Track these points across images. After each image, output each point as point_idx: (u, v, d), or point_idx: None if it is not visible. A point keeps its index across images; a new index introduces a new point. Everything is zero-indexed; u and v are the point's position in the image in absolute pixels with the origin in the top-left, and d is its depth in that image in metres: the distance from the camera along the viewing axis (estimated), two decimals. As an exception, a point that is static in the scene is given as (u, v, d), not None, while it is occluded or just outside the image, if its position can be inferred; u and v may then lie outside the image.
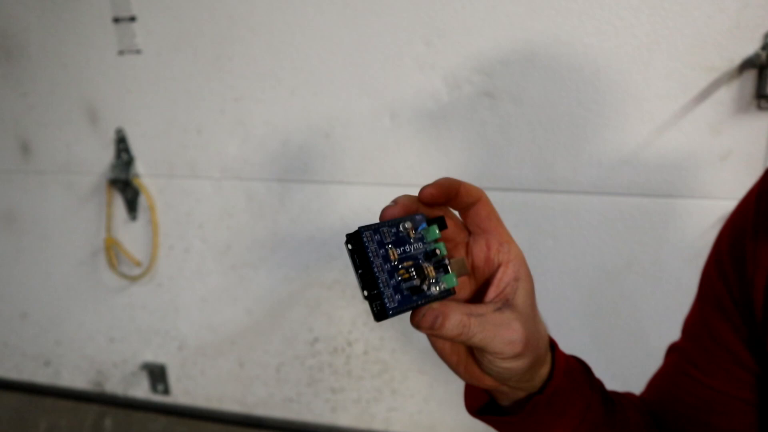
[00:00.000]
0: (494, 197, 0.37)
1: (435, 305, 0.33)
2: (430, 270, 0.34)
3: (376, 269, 0.33)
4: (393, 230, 0.34)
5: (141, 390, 1.21)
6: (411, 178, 0.93)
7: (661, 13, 0.77)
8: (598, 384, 0.42)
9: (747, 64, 0.75)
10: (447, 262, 0.35)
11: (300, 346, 1.08)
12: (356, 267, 0.33)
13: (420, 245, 0.35)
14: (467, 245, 0.38)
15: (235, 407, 1.16)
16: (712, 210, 0.82)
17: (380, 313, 0.33)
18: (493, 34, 0.84)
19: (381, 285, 0.32)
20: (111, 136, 1.06)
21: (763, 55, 0.73)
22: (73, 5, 1.01)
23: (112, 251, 1.12)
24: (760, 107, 0.77)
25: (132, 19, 0.98)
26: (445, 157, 0.91)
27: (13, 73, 1.08)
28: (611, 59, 0.80)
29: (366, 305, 1.04)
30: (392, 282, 0.33)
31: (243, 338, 1.11)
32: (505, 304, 0.35)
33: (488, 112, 0.87)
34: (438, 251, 0.35)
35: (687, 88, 0.79)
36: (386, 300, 0.32)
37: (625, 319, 0.90)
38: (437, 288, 0.34)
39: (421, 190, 0.35)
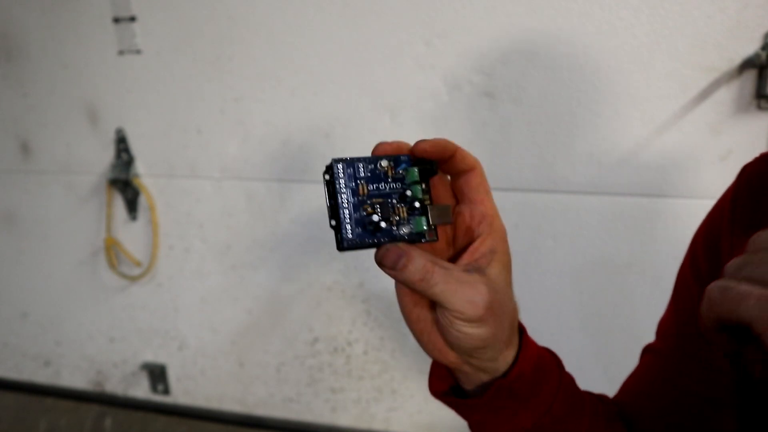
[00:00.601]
0: (494, 197, 0.37)
1: (401, 245, 0.33)
2: (400, 210, 0.34)
3: (341, 200, 0.33)
4: (370, 166, 0.34)
5: (141, 390, 1.21)
6: (411, 178, 0.93)
7: (661, 13, 0.77)
8: (568, 378, 0.42)
9: (747, 64, 0.75)
10: (419, 205, 0.35)
11: (300, 346, 1.08)
12: (327, 197, 0.34)
13: (398, 185, 0.35)
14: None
15: (235, 407, 1.16)
16: (712, 210, 0.82)
17: (338, 243, 0.33)
18: (493, 34, 0.84)
19: (342, 216, 0.33)
20: (111, 136, 1.06)
21: (763, 55, 0.73)
22: (73, 5, 1.01)
23: (112, 251, 1.12)
24: (760, 107, 0.77)
25: (132, 19, 0.98)
26: (445, 157, 0.91)
27: (13, 73, 1.08)
28: (611, 59, 0.80)
29: (363, 305, 1.04)
30: (355, 215, 0.33)
31: (243, 338, 1.11)
32: (476, 269, 0.34)
33: (488, 112, 0.87)
34: (410, 192, 0.35)
35: (687, 88, 0.79)
36: (344, 231, 0.33)
37: (624, 319, 0.90)
38: (405, 229, 0.34)
39: (416, 144, 0.35)
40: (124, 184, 1.07)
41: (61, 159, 1.11)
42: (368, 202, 0.34)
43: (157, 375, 1.18)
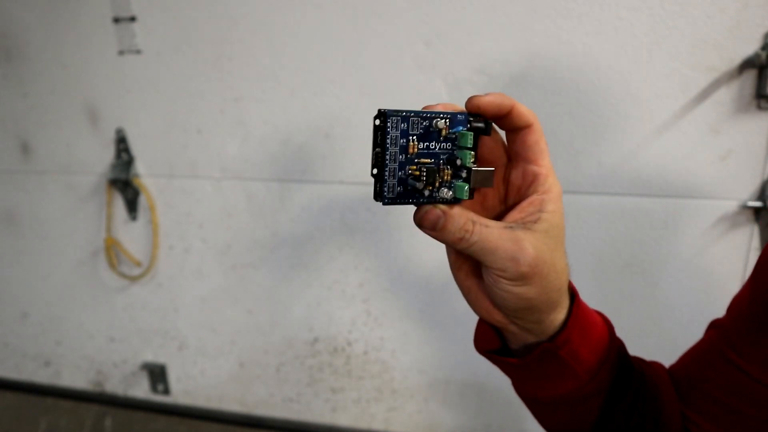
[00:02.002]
0: (494, 197, 0.37)
1: (440, 206, 0.32)
2: (446, 173, 0.33)
3: (388, 156, 0.32)
4: (424, 123, 0.33)
5: (141, 390, 1.21)
6: (411, 178, 0.93)
7: (661, 13, 0.77)
8: (617, 345, 0.40)
9: (747, 64, 0.75)
10: (465, 172, 0.33)
11: (300, 346, 1.08)
12: (374, 145, 0.32)
13: (449, 146, 0.33)
14: (505, 170, 0.36)
15: (235, 407, 1.16)
16: (712, 210, 0.82)
17: (377, 195, 0.33)
18: (493, 34, 0.84)
19: (386, 173, 0.32)
20: (111, 136, 1.06)
21: (763, 55, 0.73)
22: (73, 5, 1.01)
23: (112, 251, 1.12)
24: (760, 107, 0.77)
25: (132, 19, 0.98)
26: (445, 157, 0.90)
27: (13, 73, 1.08)
28: (611, 59, 0.80)
29: (363, 305, 1.04)
30: (400, 173, 0.32)
31: (243, 338, 1.11)
32: (522, 226, 0.33)
33: (488, 112, 0.87)
34: (459, 160, 0.33)
35: (687, 88, 0.79)
36: (385, 187, 0.32)
37: (624, 319, 0.90)
38: (446, 194, 0.33)
39: (470, 100, 0.33)
40: (124, 184, 1.07)
41: (61, 159, 1.11)
42: (416, 161, 0.33)
43: (157, 375, 1.18)
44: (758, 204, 0.79)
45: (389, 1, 0.86)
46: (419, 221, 0.32)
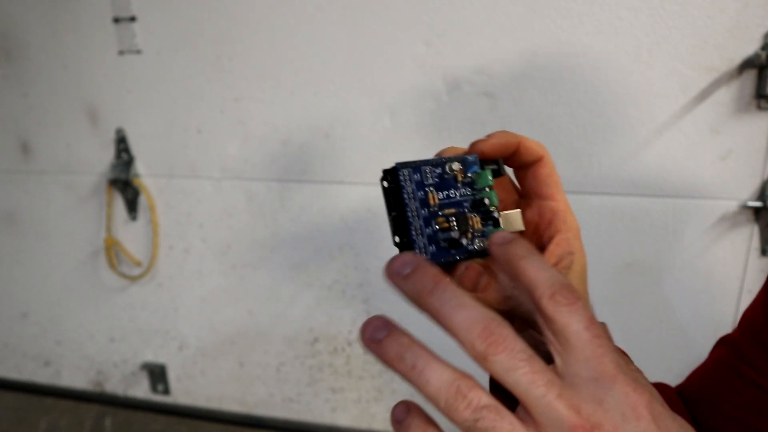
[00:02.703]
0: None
1: (477, 262, 0.29)
2: (475, 221, 0.30)
3: (410, 214, 0.29)
4: (437, 170, 0.30)
5: (141, 390, 1.21)
6: (411, 178, 0.93)
7: (661, 13, 0.77)
8: None
9: (747, 64, 0.75)
10: (497, 214, 0.30)
11: (300, 346, 1.08)
12: (389, 208, 0.30)
13: (468, 191, 0.30)
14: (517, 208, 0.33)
15: (235, 407, 1.16)
16: (712, 210, 0.82)
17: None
18: (493, 34, 0.84)
19: (413, 233, 0.28)
20: (111, 136, 1.06)
21: (763, 55, 0.73)
22: (73, 5, 1.01)
23: (112, 251, 1.12)
24: (760, 107, 0.77)
25: (132, 19, 0.98)
26: (445, 157, 0.90)
27: (13, 73, 1.08)
28: (611, 59, 0.80)
29: (363, 306, 1.04)
30: (428, 230, 0.29)
31: (243, 338, 1.11)
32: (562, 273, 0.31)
33: (488, 112, 0.87)
34: (487, 201, 0.30)
35: (687, 88, 0.79)
36: (418, 251, 0.28)
37: (624, 319, 0.90)
38: (481, 243, 0.30)
39: (474, 145, 0.31)
40: (124, 184, 1.07)
41: (61, 159, 1.11)
42: (441, 213, 0.29)
43: (157, 375, 1.18)
44: (758, 204, 0.79)
45: (389, 1, 0.86)
46: (458, 282, 0.29)
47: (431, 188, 0.29)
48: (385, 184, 0.30)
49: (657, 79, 0.79)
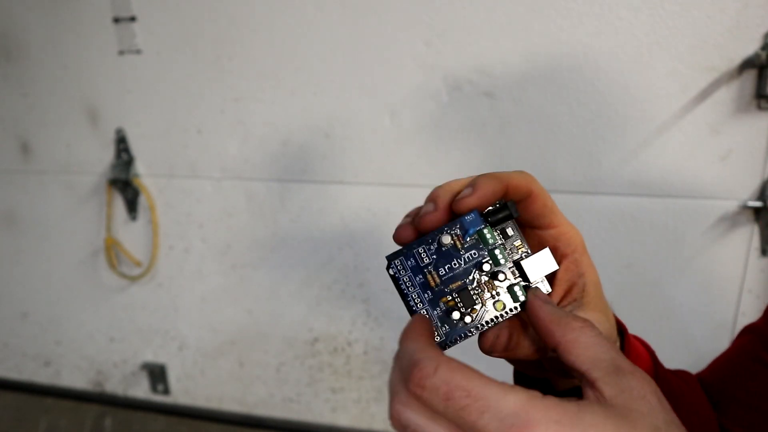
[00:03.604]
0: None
1: (502, 326, 0.28)
2: (489, 285, 0.29)
3: (412, 302, 0.29)
4: (432, 247, 0.29)
5: (141, 390, 1.21)
6: (411, 178, 0.93)
7: (661, 13, 0.77)
8: (660, 369, 0.40)
9: (747, 64, 0.75)
10: (503, 275, 0.29)
11: (300, 346, 1.08)
12: (399, 293, 0.29)
13: (474, 253, 0.29)
14: None
15: (235, 407, 1.16)
16: (712, 210, 0.82)
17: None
18: (493, 34, 0.84)
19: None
20: (111, 136, 1.06)
21: (763, 55, 0.73)
22: (73, 5, 1.01)
23: (112, 251, 1.12)
24: (760, 107, 0.77)
25: (132, 19, 0.98)
26: (444, 157, 0.91)
27: (13, 73, 1.08)
28: (611, 59, 0.80)
29: (363, 305, 1.04)
30: (435, 313, 0.29)
31: (243, 338, 1.11)
32: (575, 305, 0.31)
33: (488, 112, 0.87)
34: (487, 266, 0.29)
35: (687, 88, 0.79)
36: (435, 335, 0.28)
37: (624, 319, 0.90)
38: (507, 308, 0.28)
39: (458, 202, 0.29)
40: (124, 184, 1.07)
41: (61, 159, 1.11)
42: (446, 291, 0.29)
43: (157, 375, 1.18)
44: (758, 204, 0.79)
45: (389, 1, 0.86)
46: (489, 350, 0.29)
47: (430, 269, 0.29)
48: (391, 272, 0.29)
49: (657, 79, 0.79)
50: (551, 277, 0.31)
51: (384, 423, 1.07)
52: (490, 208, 0.29)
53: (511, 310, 0.29)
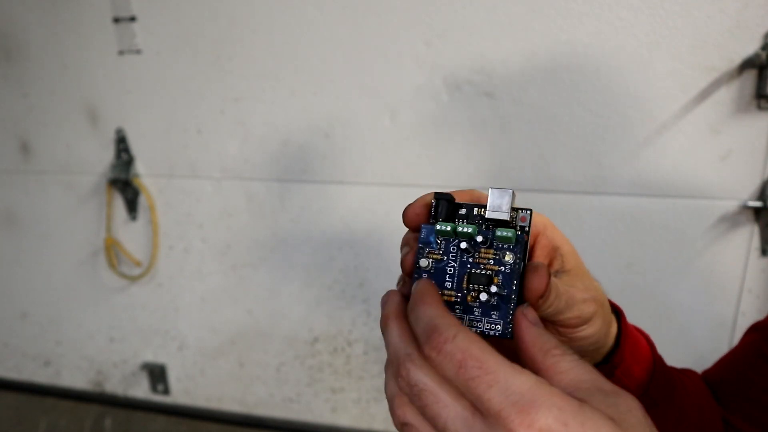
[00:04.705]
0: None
1: (531, 265, 0.29)
2: (485, 253, 0.30)
3: (465, 322, 0.30)
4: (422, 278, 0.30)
5: (141, 390, 1.21)
6: (411, 178, 0.93)
7: (661, 13, 0.77)
8: (659, 358, 0.41)
9: (747, 64, 0.75)
10: (482, 223, 0.30)
11: (300, 346, 1.08)
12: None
13: (452, 248, 0.31)
14: None
15: (235, 407, 1.16)
16: (712, 210, 0.82)
17: (502, 335, 0.30)
18: (493, 34, 0.84)
19: (476, 326, 0.30)
20: (111, 136, 1.06)
21: (763, 55, 0.73)
22: (73, 5, 1.01)
23: (112, 251, 1.12)
24: (760, 107, 0.77)
25: (132, 19, 0.98)
26: (445, 157, 0.91)
27: (13, 73, 1.08)
28: (611, 59, 0.80)
29: (363, 305, 1.04)
30: (475, 313, 0.30)
31: (243, 338, 1.11)
32: (560, 274, 0.33)
33: (488, 112, 0.87)
34: (465, 230, 0.30)
35: (687, 88, 0.79)
36: (486, 330, 0.29)
37: (625, 319, 0.90)
38: (508, 256, 0.29)
39: (403, 254, 0.32)
40: (124, 184, 1.07)
41: (61, 159, 1.11)
42: (466, 291, 0.30)
43: (157, 375, 1.18)
44: (758, 204, 0.79)
45: (389, 1, 0.86)
46: (539, 286, 0.29)
47: (442, 293, 0.30)
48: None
49: (657, 79, 0.79)
50: (527, 249, 0.33)
51: (384, 423, 1.07)
52: (432, 212, 0.31)
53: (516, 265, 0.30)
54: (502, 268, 0.29)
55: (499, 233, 0.29)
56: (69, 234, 1.15)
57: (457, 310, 0.30)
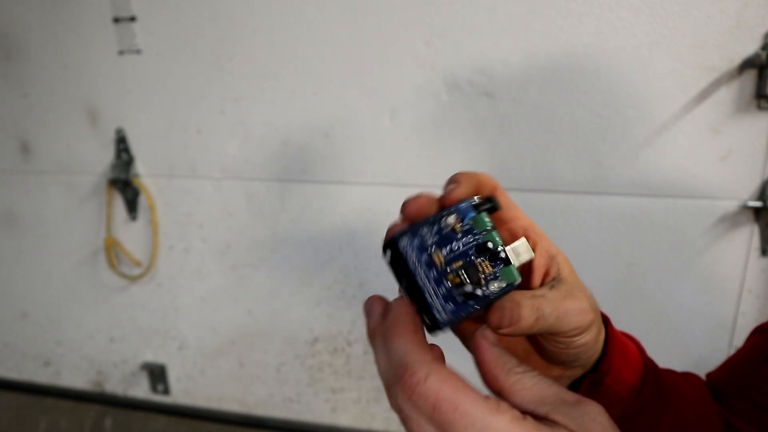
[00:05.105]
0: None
1: (504, 302, 0.29)
2: (485, 266, 0.30)
3: (420, 280, 0.30)
4: (435, 228, 0.30)
5: (141, 390, 1.21)
6: (411, 178, 0.93)
7: (661, 13, 0.77)
8: (650, 362, 0.41)
9: (747, 64, 0.75)
10: (504, 253, 0.30)
11: (300, 346, 1.08)
12: (398, 279, 0.30)
13: (470, 238, 0.30)
14: None
15: (235, 407, 1.16)
16: (712, 210, 0.82)
17: (432, 327, 0.30)
18: (493, 34, 0.84)
19: (428, 297, 0.29)
20: (111, 136, 1.06)
21: (763, 55, 0.73)
22: (73, 5, 1.01)
23: (112, 251, 1.12)
24: (760, 107, 0.77)
25: (132, 19, 0.98)
26: (445, 157, 0.91)
27: (13, 73, 1.08)
28: (611, 59, 0.80)
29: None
30: (441, 291, 0.29)
31: (243, 338, 1.11)
32: (556, 282, 0.33)
33: (488, 112, 0.87)
34: (491, 244, 0.30)
35: (687, 88, 0.79)
36: (436, 313, 0.29)
37: (624, 319, 0.90)
38: (496, 285, 0.30)
39: (449, 195, 0.31)
40: (124, 184, 1.07)
41: (61, 159, 1.11)
42: (449, 270, 0.30)
43: (157, 375, 1.18)
44: (758, 204, 0.79)
45: (389, 1, 0.86)
46: (497, 325, 0.29)
47: (434, 248, 0.30)
48: (389, 257, 0.30)
49: (657, 79, 0.79)
50: (527, 265, 0.33)
51: (384, 423, 1.07)
52: (475, 201, 0.31)
53: (503, 290, 0.30)
54: (486, 289, 0.30)
55: (505, 269, 0.30)
56: (69, 234, 1.15)
57: (432, 274, 0.30)
